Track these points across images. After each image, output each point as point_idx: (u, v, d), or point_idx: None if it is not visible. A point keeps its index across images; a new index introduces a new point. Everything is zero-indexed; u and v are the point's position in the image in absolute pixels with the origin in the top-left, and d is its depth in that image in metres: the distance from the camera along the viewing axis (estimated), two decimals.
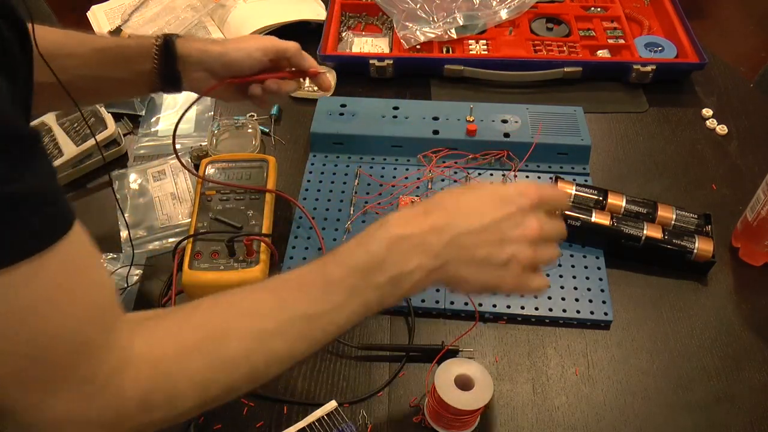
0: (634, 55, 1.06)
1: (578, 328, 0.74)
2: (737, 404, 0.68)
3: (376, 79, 1.06)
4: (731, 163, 0.93)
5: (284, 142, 0.97)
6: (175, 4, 1.16)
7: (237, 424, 0.66)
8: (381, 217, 0.52)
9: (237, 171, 0.81)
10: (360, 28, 1.17)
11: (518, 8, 1.12)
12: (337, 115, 0.94)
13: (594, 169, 0.91)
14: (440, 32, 1.08)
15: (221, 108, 1.02)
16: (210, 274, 0.71)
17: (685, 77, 1.06)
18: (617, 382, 0.70)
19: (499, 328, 0.74)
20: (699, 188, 0.90)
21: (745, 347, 0.73)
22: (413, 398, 0.68)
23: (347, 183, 0.88)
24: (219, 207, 0.77)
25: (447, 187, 0.85)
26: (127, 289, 0.77)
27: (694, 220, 0.81)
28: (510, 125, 0.91)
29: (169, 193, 0.87)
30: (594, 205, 0.82)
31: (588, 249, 0.81)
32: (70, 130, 0.92)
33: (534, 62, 1.04)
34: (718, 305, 0.77)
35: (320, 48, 1.05)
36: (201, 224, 0.75)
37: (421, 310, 0.75)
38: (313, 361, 0.71)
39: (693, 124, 0.99)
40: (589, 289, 0.76)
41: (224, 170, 0.81)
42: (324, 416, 0.66)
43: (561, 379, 0.70)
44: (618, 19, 1.14)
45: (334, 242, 0.81)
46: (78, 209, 0.42)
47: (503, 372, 0.70)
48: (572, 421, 0.67)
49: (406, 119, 0.93)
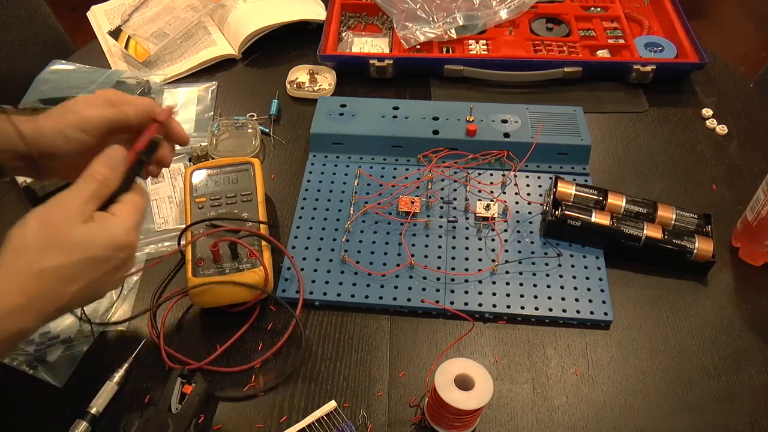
0: (634, 55, 1.06)
1: (578, 328, 0.74)
2: (737, 404, 0.68)
3: (376, 79, 1.06)
4: (731, 163, 0.93)
5: (284, 142, 0.97)
6: (175, 4, 1.16)
7: (237, 424, 0.66)
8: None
9: (223, 177, 0.80)
10: (360, 28, 1.17)
11: (518, 8, 1.12)
12: (337, 115, 0.94)
13: (594, 169, 0.91)
14: (440, 32, 1.08)
15: (221, 108, 1.02)
16: (216, 279, 0.71)
17: (685, 77, 1.06)
18: (617, 382, 0.70)
19: (499, 328, 0.74)
20: (699, 188, 0.90)
21: (745, 347, 0.73)
22: (413, 398, 0.68)
23: (347, 183, 0.88)
24: (212, 213, 0.76)
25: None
26: (122, 293, 0.77)
27: (694, 220, 0.81)
28: (510, 125, 0.92)
29: (166, 197, 0.87)
30: (594, 205, 0.82)
31: (588, 249, 0.81)
32: None
33: (534, 62, 1.04)
34: (718, 305, 0.77)
35: (320, 48, 1.05)
36: (197, 231, 0.75)
37: (421, 310, 0.75)
38: (313, 361, 0.71)
39: (693, 124, 0.99)
40: (589, 289, 0.76)
41: (210, 177, 0.80)
42: (324, 416, 0.66)
43: (561, 379, 0.70)
44: (618, 19, 1.14)
45: (335, 242, 0.81)
46: None
47: (503, 372, 0.70)
48: (572, 421, 0.67)
49: (406, 119, 0.93)
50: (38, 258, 0.50)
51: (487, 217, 0.83)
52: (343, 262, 0.79)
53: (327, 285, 0.77)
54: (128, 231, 0.54)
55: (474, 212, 0.84)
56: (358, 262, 0.79)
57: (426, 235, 0.82)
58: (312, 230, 0.83)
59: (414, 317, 0.75)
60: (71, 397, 0.67)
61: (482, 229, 0.82)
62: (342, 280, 0.77)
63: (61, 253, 0.50)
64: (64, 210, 0.52)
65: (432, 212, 0.84)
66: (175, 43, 1.12)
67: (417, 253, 0.79)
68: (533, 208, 0.85)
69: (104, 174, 0.55)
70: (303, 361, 0.71)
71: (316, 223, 0.83)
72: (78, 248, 0.51)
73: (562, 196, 0.82)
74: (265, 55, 1.12)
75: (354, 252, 0.80)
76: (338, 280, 0.77)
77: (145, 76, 1.04)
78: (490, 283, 0.77)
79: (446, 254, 0.80)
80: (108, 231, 0.53)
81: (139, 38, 1.10)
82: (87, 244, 0.51)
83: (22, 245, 0.50)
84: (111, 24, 1.15)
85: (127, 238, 0.54)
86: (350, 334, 0.74)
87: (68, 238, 0.51)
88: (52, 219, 0.51)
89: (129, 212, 0.55)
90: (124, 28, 1.12)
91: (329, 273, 0.78)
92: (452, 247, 0.80)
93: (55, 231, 0.51)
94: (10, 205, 0.86)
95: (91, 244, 0.52)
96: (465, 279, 0.77)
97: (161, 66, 1.09)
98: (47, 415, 0.66)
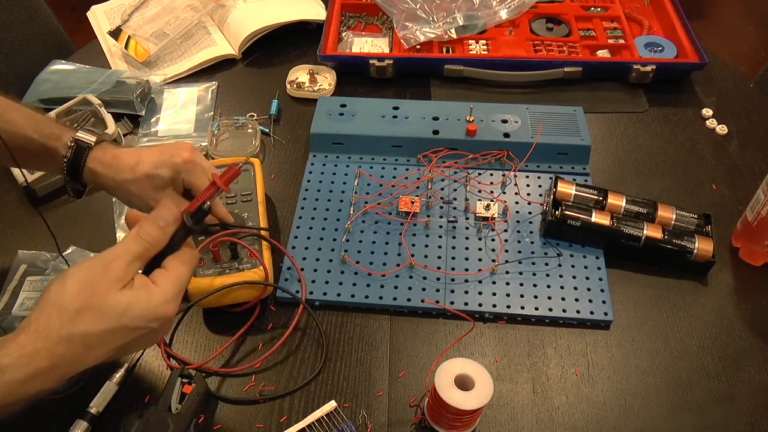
0: (634, 55, 1.06)
1: (578, 328, 0.74)
2: (737, 404, 0.68)
3: (376, 79, 1.06)
4: (731, 163, 0.93)
5: (284, 142, 0.97)
6: (175, 4, 1.16)
7: (237, 424, 0.66)
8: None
9: None
10: (360, 28, 1.17)
11: (518, 8, 1.12)
12: (337, 115, 0.94)
13: (594, 169, 0.91)
14: (440, 32, 1.08)
15: (221, 108, 1.02)
16: (217, 279, 0.71)
17: (685, 77, 1.06)
18: (617, 382, 0.70)
19: (498, 328, 0.74)
20: (699, 188, 0.90)
21: (745, 347, 0.73)
22: (413, 398, 0.68)
23: (347, 183, 0.88)
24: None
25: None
26: None
27: (694, 220, 0.81)
28: (510, 125, 0.91)
29: None
30: (594, 205, 0.82)
31: (588, 249, 0.81)
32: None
33: (534, 62, 1.04)
34: (718, 305, 0.77)
35: (320, 48, 1.05)
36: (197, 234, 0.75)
37: (421, 310, 0.75)
38: (313, 361, 0.71)
39: (693, 124, 0.99)
40: (589, 289, 0.76)
41: None
42: (324, 416, 0.66)
43: (561, 379, 0.70)
44: (618, 19, 1.14)
45: (335, 242, 0.81)
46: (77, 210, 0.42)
47: (503, 372, 0.70)
48: (572, 421, 0.67)
49: (406, 119, 0.93)
50: (72, 321, 0.48)
51: (487, 217, 0.83)
52: (343, 262, 0.79)
53: (327, 285, 0.77)
54: (166, 303, 0.52)
55: (474, 212, 0.84)
56: (358, 262, 0.79)
57: (426, 235, 0.82)
58: (312, 230, 0.83)
59: (414, 317, 0.75)
60: (71, 397, 0.67)
61: (482, 229, 0.82)
62: (342, 280, 0.77)
63: (96, 318, 0.49)
64: (107, 272, 0.50)
65: (432, 212, 0.84)
66: (175, 43, 1.12)
67: (417, 253, 0.79)
68: (533, 208, 0.85)
69: (152, 234, 0.53)
70: (303, 361, 0.71)
71: (316, 223, 0.83)
72: (113, 316, 0.50)
73: (562, 196, 0.82)
74: (265, 55, 1.12)
75: (354, 252, 0.80)
76: (338, 280, 0.77)
77: (145, 76, 1.04)
78: (490, 283, 0.77)
79: (446, 254, 0.80)
80: (146, 301, 0.51)
81: (139, 38, 1.10)
82: (122, 313, 0.50)
83: (59, 306, 0.49)
84: (111, 24, 1.15)
85: (164, 310, 0.52)
86: (350, 334, 0.74)
87: (105, 303, 0.50)
88: (92, 281, 0.50)
89: (171, 282, 0.53)
90: (124, 28, 1.12)
91: (329, 273, 0.78)
92: (452, 247, 0.80)
93: (92, 294, 0.49)
94: (10, 205, 0.86)
95: (126, 313, 0.50)
96: (465, 279, 0.77)
97: (161, 66, 1.09)
98: (47, 414, 0.66)
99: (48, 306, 0.49)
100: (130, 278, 0.52)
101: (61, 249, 0.78)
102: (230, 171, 0.58)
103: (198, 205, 0.57)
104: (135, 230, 0.53)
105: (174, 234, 0.54)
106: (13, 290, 0.76)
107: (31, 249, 0.80)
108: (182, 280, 0.54)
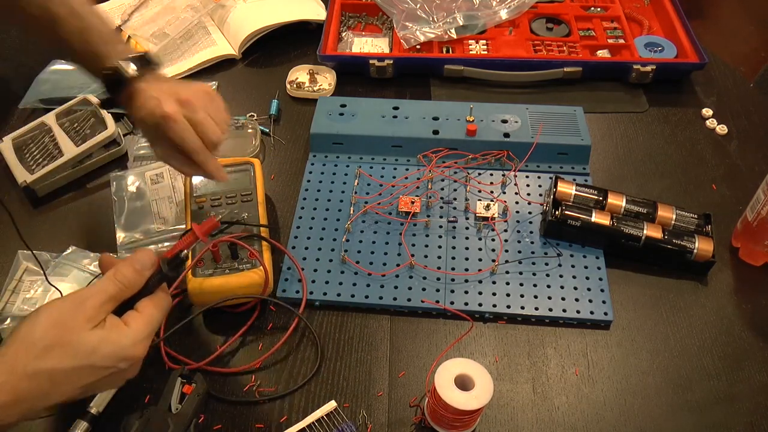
0: (634, 55, 1.06)
1: (578, 328, 0.74)
2: (737, 404, 0.68)
3: (376, 79, 1.06)
4: (731, 163, 0.93)
5: (284, 142, 0.97)
6: (175, 4, 1.16)
7: (237, 424, 0.66)
8: None
9: None
10: (360, 28, 1.17)
11: (518, 8, 1.12)
12: (337, 115, 0.94)
13: (594, 169, 0.91)
14: (440, 32, 1.08)
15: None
16: (216, 279, 0.71)
17: (685, 77, 1.06)
18: (617, 382, 0.70)
19: (498, 328, 0.74)
20: (699, 188, 0.90)
21: (745, 347, 0.73)
22: (413, 398, 0.68)
23: (347, 183, 0.88)
24: (213, 213, 0.76)
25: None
26: None
27: (694, 220, 0.81)
28: (510, 125, 0.91)
29: (166, 197, 0.87)
30: (594, 205, 0.82)
31: (588, 249, 0.81)
32: (70, 130, 0.92)
33: (534, 62, 1.04)
34: (718, 305, 0.77)
35: (320, 48, 1.05)
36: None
37: (421, 310, 0.75)
38: (313, 361, 0.71)
39: (693, 124, 0.99)
40: (589, 289, 0.76)
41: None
42: (324, 416, 0.66)
43: (561, 379, 0.70)
44: (618, 19, 1.14)
45: (335, 242, 0.81)
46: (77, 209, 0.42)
47: (503, 372, 0.70)
48: (572, 421, 0.67)
49: (406, 119, 0.93)
50: (39, 357, 0.49)
51: (487, 217, 0.83)
52: (343, 262, 0.79)
53: (327, 285, 0.77)
54: (135, 344, 0.53)
55: (474, 212, 0.84)
56: (358, 262, 0.79)
57: (426, 235, 0.82)
58: (312, 230, 0.83)
59: (414, 317, 0.75)
60: None
61: (482, 229, 0.82)
62: (342, 280, 0.77)
63: (65, 355, 0.49)
64: (79, 310, 0.51)
65: (432, 212, 0.84)
66: (175, 43, 1.12)
67: (417, 253, 0.79)
68: (533, 208, 0.85)
69: (128, 277, 0.54)
70: (303, 361, 0.71)
71: (316, 223, 0.83)
72: (82, 353, 0.50)
73: (562, 196, 0.82)
74: (265, 55, 1.12)
75: (354, 252, 0.80)
76: (338, 280, 0.77)
77: None
78: (490, 283, 0.77)
79: (446, 254, 0.80)
80: (116, 341, 0.51)
81: (139, 38, 1.10)
82: (92, 351, 0.50)
83: (28, 342, 0.49)
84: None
85: (133, 351, 0.52)
86: (350, 334, 0.74)
87: (76, 341, 0.50)
88: (64, 318, 0.50)
89: (142, 323, 0.53)
90: (124, 28, 1.12)
91: (329, 273, 0.78)
92: (452, 247, 0.80)
93: (63, 331, 0.50)
94: (10, 205, 0.86)
95: (96, 351, 0.50)
96: (465, 279, 0.77)
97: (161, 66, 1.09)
98: (47, 414, 0.66)
99: (17, 341, 0.49)
100: (102, 318, 0.52)
101: (61, 249, 0.78)
102: (209, 223, 0.60)
103: (175, 253, 0.58)
104: (111, 272, 0.54)
105: (149, 278, 0.55)
106: (13, 290, 0.76)
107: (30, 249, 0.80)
108: (153, 323, 0.54)
